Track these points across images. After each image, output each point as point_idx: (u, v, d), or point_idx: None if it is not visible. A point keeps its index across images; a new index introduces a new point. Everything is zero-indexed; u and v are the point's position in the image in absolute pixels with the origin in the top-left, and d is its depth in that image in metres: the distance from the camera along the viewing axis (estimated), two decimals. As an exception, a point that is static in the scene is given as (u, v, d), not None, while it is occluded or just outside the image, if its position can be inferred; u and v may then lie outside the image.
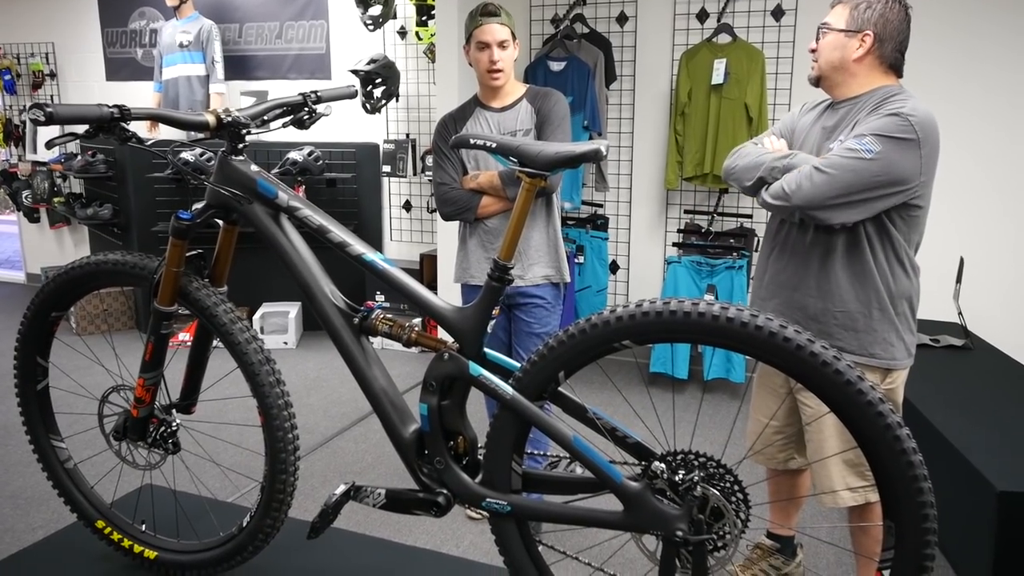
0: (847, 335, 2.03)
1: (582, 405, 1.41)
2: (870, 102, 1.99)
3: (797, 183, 1.91)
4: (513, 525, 1.47)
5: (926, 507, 1.16)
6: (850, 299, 2.01)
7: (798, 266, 2.07)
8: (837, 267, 2.01)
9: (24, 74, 6.53)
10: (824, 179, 1.87)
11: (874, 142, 1.85)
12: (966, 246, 3.90)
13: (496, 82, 2.66)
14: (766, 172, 2.01)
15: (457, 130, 2.74)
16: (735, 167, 2.14)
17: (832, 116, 2.08)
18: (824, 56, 2.03)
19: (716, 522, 1.28)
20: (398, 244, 5.64)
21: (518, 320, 2.79)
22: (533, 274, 2.73)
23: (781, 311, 2.10)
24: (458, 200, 2.72)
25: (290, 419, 1.61)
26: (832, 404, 1.18)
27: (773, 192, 1.98)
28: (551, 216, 2.76)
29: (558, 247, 2.78)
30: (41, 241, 6.91)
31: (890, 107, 1.91)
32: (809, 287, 2.05)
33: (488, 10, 2.61)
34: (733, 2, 4.36)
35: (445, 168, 2.75)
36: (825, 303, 2.03)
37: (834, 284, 2.02)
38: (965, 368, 3.17)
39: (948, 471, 2.45)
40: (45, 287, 1.77)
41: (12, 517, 2.94)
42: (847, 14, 1.99)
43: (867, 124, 1.90)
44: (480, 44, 2.62)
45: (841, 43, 1.99)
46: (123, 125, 1.43)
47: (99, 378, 2.18)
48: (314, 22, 5.53)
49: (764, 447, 2.32)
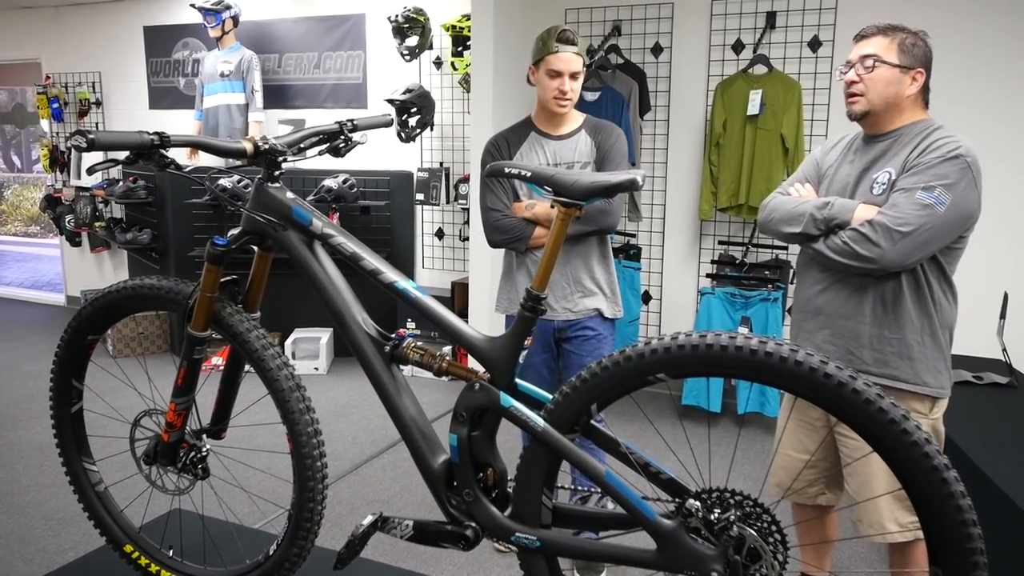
0: (902, 363, 2.01)
1: (615, 439, 1.38)
2: (910, 136, 1.98)
3: (876, 243, 1.89)
4: (543, 560, 1.44)
5: (975, 554, 1.11)
6: (907, 327, 2.00)
7: (850, 295, 2.05)
8: (895, 297, 2.00)
9: (71, 102, 6.73)
10: (907, 241, 1.88)
11: (944, 193, 1.87)
12: (1011, 281, 3.80)
13: (562, 110, 2.56)
14: (809, 225, 2.02)
15: (510, 153, 2.64)
16: (771, 219, 2.14)
17: (867, 151, 2.06)
18: (877, 91, 1.98)
19: (753, 564, 1.24)
20: (430, 272, 5.66)
21: (569, 354, 2.69)
22: (586, 306, 2.63)
23: (832, 341, 2.08)
24: (512, 229, 2.59)
25: (319, 447, 1.60)
26: (875, 443, 1.14)
27: (837, 248, 1.97)
28: (606, 254, 2.68)
29: (612, 282, 2.69)
30: (82, 265, 7.06)
31: (940, 146, 1.90)
32: (864, 316, 2.03)
33: (565, 37, 2.47)
34: (769, 33, 4.35)
35: (497, 193, 2.62)
36: (881, 331, 2.02)
37: (891, 313, 2.01)
38: (1010, 406, 3.07)
39: (994, 514, 2.36)
40: (82, 311, 1.79)
41: (44, 538, 2.96)
42: (895, 48, 1.96)
43: (928, 170, 1.89)
44: (552, 72, 2.50)
45: (896, 78, 1.97)
46: (162, 152, 1.45)
47: (132, 401, 2.20)
48: (352, 52, 5.63)
49: (792, 481, 2.26)
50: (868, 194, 2.00)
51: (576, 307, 2.63)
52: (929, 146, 1.92)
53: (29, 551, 2.86)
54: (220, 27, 5.46)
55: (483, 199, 2.65)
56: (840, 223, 1.97)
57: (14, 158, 12.50)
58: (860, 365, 2.03)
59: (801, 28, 4.29)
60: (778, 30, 4.34)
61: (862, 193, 2.02)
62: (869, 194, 1.99)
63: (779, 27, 4.33)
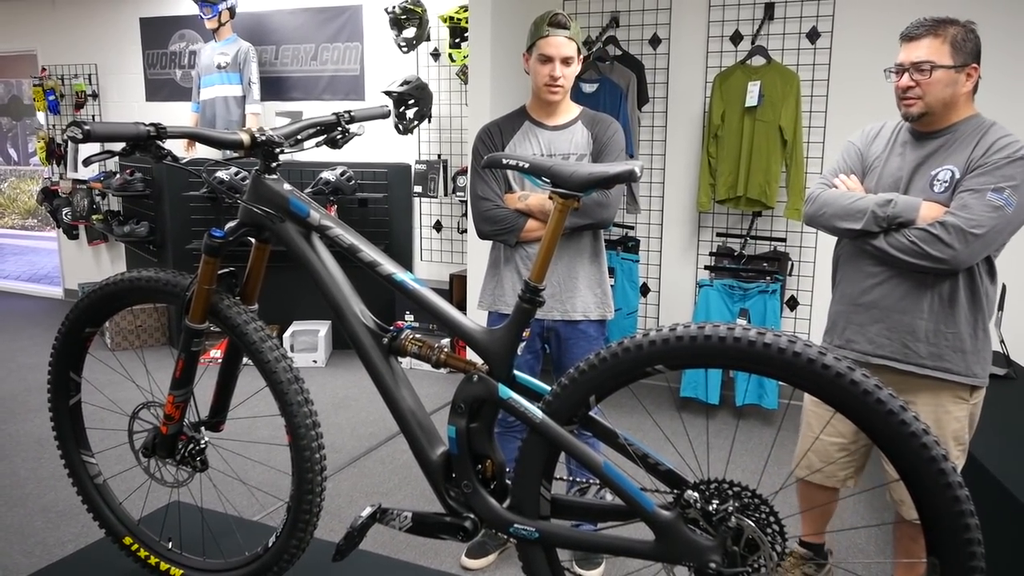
0: (955, 357, 2.06)
1: (613, 430, 1.38)
2: (967, 134, 2.01)
3: (949, 244, 1.93)
4: (541, 552, 1.44)
5: (973, 544, 1.11)
6: (961, 322, 2.04)
7: (908, 291, 2.07)
8: (951, 292, 2.04)
9: (67, 94, 6.70)
10: (980, 243, 1.93)
11: (1012, 194, 1.92)
12: (1010, 274, 3.79)
13: (554, 97, 2.48)
14: (870, 222, 2.04)
15: (504, 142, 2.56)
16: (822, 214, 2.15)
17: (920, 146, 2.08)
18: (935, 94, 2.00)
19: (751, 554, 1.24)
20: (428, 264, 5.66)
21: (558, 358, 2.63)
22: (575, 308, 2.56)
23: (887, 335, 2.11)
24: (503, 220, 2.51)
25: (318, 438, 1.60)
26: (873, 434, 1.14)
27: (903, 248, 2.00)
28: (598, 251, 2.61)
29: (603, 282, 2.61)
30: (79, 258, 7.04)
31: (1004, 146, 1.94)
32: (921, 311, 2.06)
33: (557, 20, 2.40)
34: (767, 24, 4.34)
35: (487, 182, 2.53)
36: (937, 326, 2.06)
37: (947, 308, 2.05)
38: (1008, 398, 3.08)
39: (992, 506, 2.37)
40: (79, 303, 1.78)
41: (43, 530, 2.96)
42: (947, 49, 1.97)
43: (996, 171, 1.93)
44: (543, 57, 2.42)
45: (952, 79, 1.99)
46: (159, 143, 1.44)
47: (131, 394, 2.20)
48: (349, 44, 5.61)
49: (825, 465, 2.30)
50: (928, 191, 2.02)
51: (565, 307, 2.56)
52: (992, 146, 1.95)
53: (28, 544, 2.86)
54: (217, 18, 5.43)
55: (474, 188, 2.56)
56: (904, 221, 2.00)
57: (10, 151, 12.47)
58: (915, 359, 2.08)
59: (800, 19, 4.28)
60: (776, 21, 4.33)
61: (920, 189, 2.04)
62: (929, 191, 2.02)
63: (777, 18, 4.32)
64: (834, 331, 2.24)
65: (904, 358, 2.09)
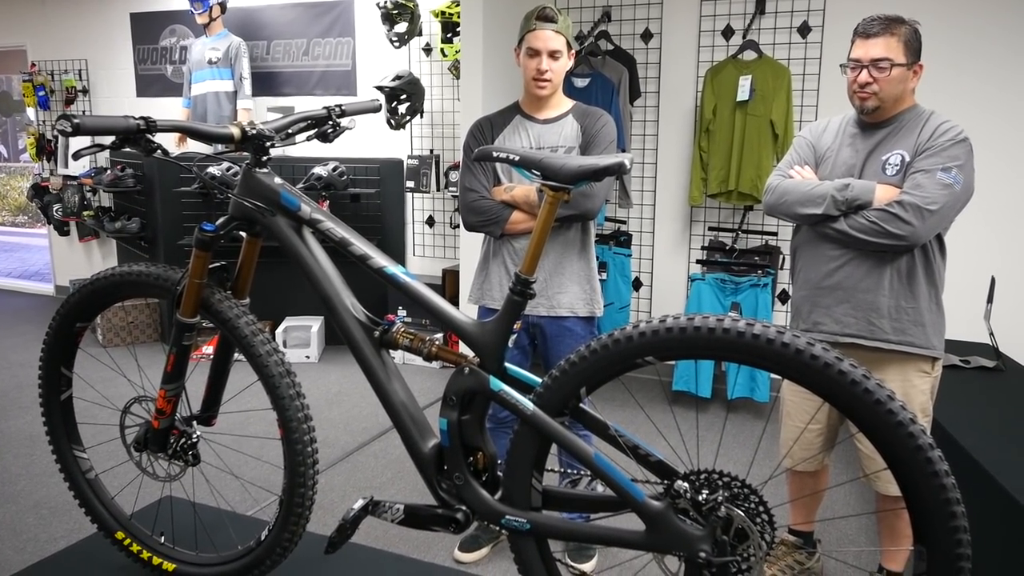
0: (916, 330, 2.17)
1: (604, 422, 1.38)
2: (910, 121, 2.16)
3: (907, 221, 2.04)
4: (532, 543, 1.45)
5: (959, 532, 1.12)
6: (920, 296, 2.16)
7: (869, 270, 2.18)
8: (909, 269, 2.16)
9: (58, 90, 6.67)
10: (935, 218, 2.05)
11: (959, 172, 2.06)
12: (997, 265, 3.82)
13: (542, 91, 2.47)
14: (830, 206, 2.15)
15: (494, 136, 2.56)
16: (783, 201, 2.25)
17: (869, 136, 2.21)
18: (889, 90, 2.13)
19: (740, 544, 1.25)
20: (420, 259, 5.65)
21: (545, 354, 2.61)
22: (563, 304, 2.53)
23: (852, 314, 2.21)
24: (487, 211, 2.51)
25: (310, 432, 1.60)
26: (861, 423, 1.15)
27: (863, 228, 2.11)
28: (587, 245, 2.58)
29: (592, 278, 2.58)
30: (70, 254, 7.01)
31: (947, 131, 2.09)
32: (883, 288, 2.17)
33: (544, 14, 2.39)
34: (759, 19, 4.34)
35: (475, 174, 2.54)
36: (898, 301, 2.17)
37: (906, 284, 2.16)
38: (997, 390, 3.10)
39: (980, 496, 2.39)
40: (70, 298, 1.78)
41: (35, 526, 2.96)
42: (901, 47, 2.10)
43: (943, 152, 2.07)
44: (531, 50, 2.42)
45: (905, 76, 2.13)
46: (149, 137, 1.43)
47: (123, 389, 2.19)
48: (340, 39, 5.59)
49: (810, 455, 2.41)
50: (881, 174, 2.15)
51: (551, 303, 2.54)
52: (935, 130, 2.10)
53: (20, 540, 2.86)
54: (207, 14, 5.41)
55: (462, 180, 2.58)
56: (862, 203, 2.11)
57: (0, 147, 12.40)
58: (880, 335, 2.18)
59: (791, 14, 4.29)
60: (767, 16, 4.34)
61: (873, 173, 2.17)
62: (882, 174, 2.14)
63: (768, 13, 4.33)
64: (800, 316, 2.33)
65: (870, 335, 2.19)
